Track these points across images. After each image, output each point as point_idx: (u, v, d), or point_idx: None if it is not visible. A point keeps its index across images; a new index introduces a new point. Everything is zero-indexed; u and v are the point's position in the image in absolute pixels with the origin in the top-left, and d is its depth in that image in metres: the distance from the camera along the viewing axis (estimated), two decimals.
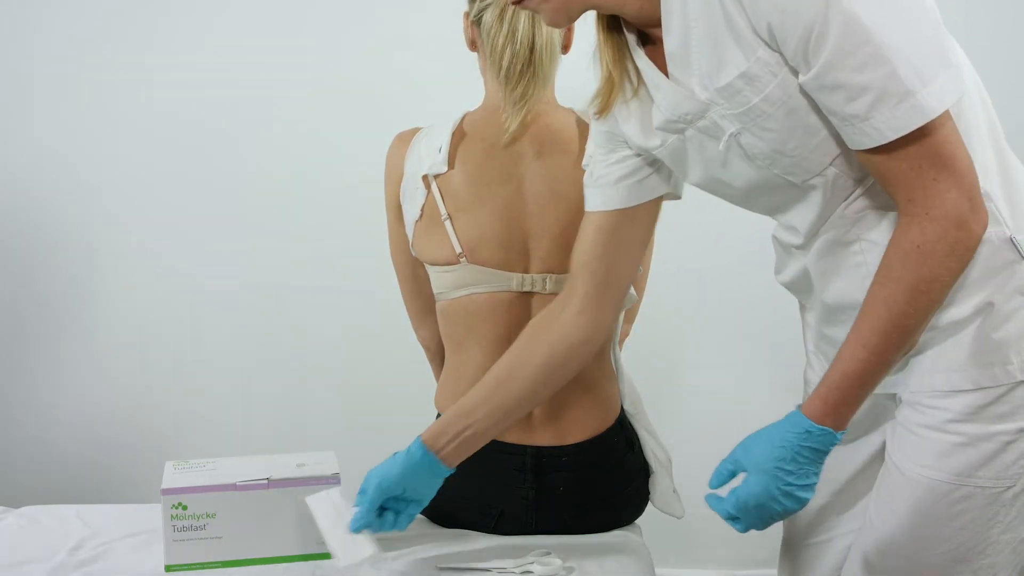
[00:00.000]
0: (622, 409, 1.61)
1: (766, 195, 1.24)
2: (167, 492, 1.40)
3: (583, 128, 1.56)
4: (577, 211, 1.51)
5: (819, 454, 1.15)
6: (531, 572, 1.40)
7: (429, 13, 1.95)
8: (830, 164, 1.16)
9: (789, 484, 1.15)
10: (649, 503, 1.62)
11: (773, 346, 2.27)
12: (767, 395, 2.29)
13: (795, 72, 1.10)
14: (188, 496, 1.40)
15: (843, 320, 1.21)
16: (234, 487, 1.42)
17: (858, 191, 1.18)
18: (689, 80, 1.17)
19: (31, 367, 2.43)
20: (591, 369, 1.55)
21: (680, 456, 1.70)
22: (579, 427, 1.54)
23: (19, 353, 2.43)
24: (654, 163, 1.33)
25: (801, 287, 1.32)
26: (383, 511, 1.37)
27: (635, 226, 1.36)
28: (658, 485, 1.61)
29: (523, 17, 1.45)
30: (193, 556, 1.41)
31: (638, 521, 1.63)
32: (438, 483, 1.38)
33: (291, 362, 2.42)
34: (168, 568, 1.41)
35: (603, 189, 1.35)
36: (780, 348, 2.24)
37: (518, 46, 1.46)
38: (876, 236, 1.18)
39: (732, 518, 1.20)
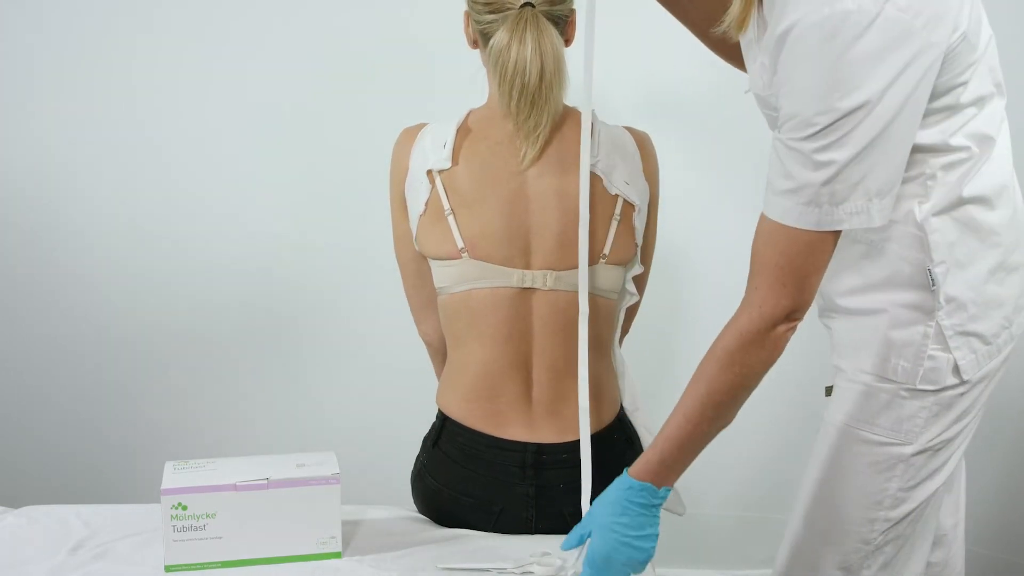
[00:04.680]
0: (622, 406, 1.61)
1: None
2: (167, 492, 1.40)
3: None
4: (579, 209, 1.51)
5: (648, 507, 1.30)
6: (531, 572, 1.40)
7: (436, 9, 1.95)
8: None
9: (626, 535, 1.29)
10: None
11: None
12: (765, 395, 2.31)
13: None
14: (188, 496, 1.40)
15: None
16: (234, 487, 1.42)
17: None
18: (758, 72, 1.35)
19: (30, 367, 2.43)
20: (593, 366, 1.56)
21: None
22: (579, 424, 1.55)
23: (18, 352, 2.43)
24: None
25: None
26: None
27: None
28: None
29: (529, 41, 1.45)
30: (193, 556, 1.41)
31: None
32: None
33: (291, 362, 2.42)
34: (168, 568, 1.41)
35: None
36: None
37: (528, 77, 1.46)
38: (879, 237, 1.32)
39: None
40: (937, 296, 1.30)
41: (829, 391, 1.57)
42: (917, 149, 1.24)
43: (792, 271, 1.23)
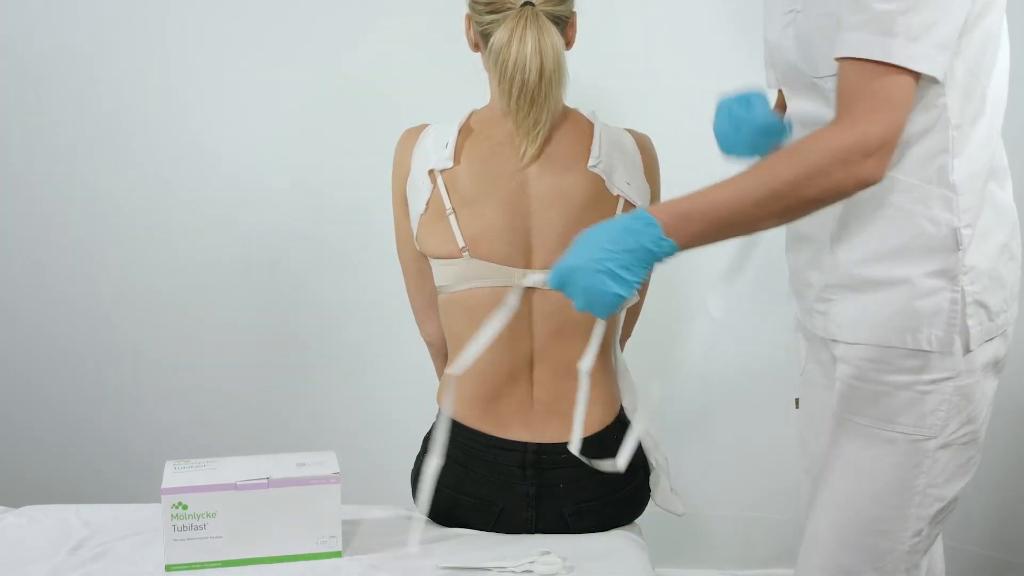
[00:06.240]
0: (622, 407, 1.61)
1: (794, 81, 1.38)
2: (167, 492, 1.40)
3: (588, 127, 1.56)
4: (580, 209, 1.52)
5: (641, 243, 1.23)
6: (531, 572, 1.40)
7: (437, 11, 1.95)
8: (832, 76, 1.26)
9: (603, 257, 1.24)
10: (650, 501, 1.63)
11: (772, 347, 2.27)
12: (764, 394, 2.31)
13: None
14: (188, 496, 1.41)
15: (799, 248, 1.41)
16: (234, 487, 1.42)
17: None
18: None
19: (30, 367, 2.43)
20: (593, 366, 1.56)
21: (680, 456, 1.70)
22: None
23: (18, 352, 2.43)
24: None
25: None
26: None
27: None
28: (657, 484, 1.62)
29: (529, 40, 1.45)
30: (193, 556, 1.41)
31: (638, 521, 1.63)
32: None
33: (292, 362, 2.42)
34: (168, 568, 1.41)
35: None
36: (778, 348, 2.24)
37: (527, 74, 1.47)
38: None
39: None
40: (962, 260, 1.28)
41: (797, 403, 1.57)
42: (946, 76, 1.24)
43: (882, 103, 1.18)
